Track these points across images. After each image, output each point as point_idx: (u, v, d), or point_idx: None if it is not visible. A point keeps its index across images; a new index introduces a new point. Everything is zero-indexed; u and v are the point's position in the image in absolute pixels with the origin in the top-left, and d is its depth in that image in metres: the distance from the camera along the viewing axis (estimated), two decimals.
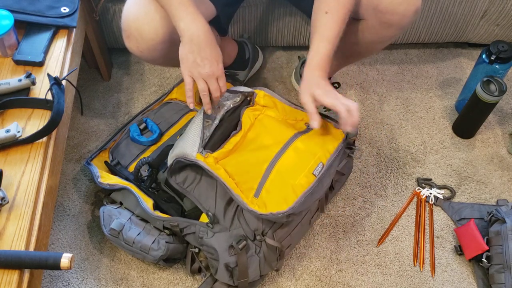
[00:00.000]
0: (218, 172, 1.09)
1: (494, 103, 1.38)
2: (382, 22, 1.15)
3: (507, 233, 1.19)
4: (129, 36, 1.14)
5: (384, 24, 1.15)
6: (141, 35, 1.12)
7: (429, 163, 1.47)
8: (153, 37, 1.12)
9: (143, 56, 1.18)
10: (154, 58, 1.19)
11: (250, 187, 1.09)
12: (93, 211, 1.35)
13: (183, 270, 1.25)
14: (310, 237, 1.32)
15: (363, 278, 1.26)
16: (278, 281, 1.25)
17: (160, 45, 1.14)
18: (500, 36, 1.66)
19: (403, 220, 1.36)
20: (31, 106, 1.06)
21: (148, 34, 1.12)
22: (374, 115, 1.56)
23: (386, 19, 1.13)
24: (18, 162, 0.98)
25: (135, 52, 1.17)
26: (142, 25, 1.11)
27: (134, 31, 1.12)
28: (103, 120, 1.52)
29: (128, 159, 1.36)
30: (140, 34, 1.12)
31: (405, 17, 1.13)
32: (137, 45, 1.15)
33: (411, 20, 1.14)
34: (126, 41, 1.16)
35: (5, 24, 1.09)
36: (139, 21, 1.11)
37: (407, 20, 1.14)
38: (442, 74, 1.68)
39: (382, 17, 1.13)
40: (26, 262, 0.84)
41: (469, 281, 1.26)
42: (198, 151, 1.10)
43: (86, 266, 1.25)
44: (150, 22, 1.11)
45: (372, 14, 1.14)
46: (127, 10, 1.14)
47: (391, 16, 1.12)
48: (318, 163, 1.13)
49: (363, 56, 1.35)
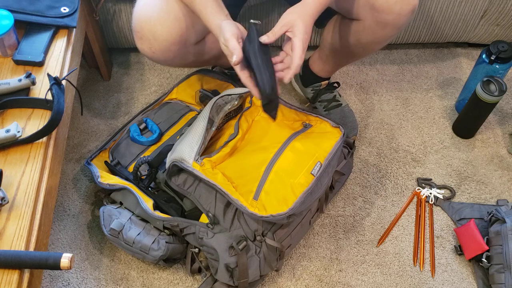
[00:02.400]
0: (215, 179, 1.09)
1: (494, 103, 1.38)
2: (378, 22, 1.15)
3: (507, 233, 1.19)
4: (142, 38, 1.13)
5: (380, 24, 1.15)
6: (154, 36, 1.11)
7: (429, 163, 1.47)
8: (167, 38, 1.11)
9: (155, 57, 1.16)
10: (167, 59, 1.18)
11: (249, 190, 1.09)
12: (93, 211, 1.35)
13: (183, 270, 1.25)
14: (310, 237, 1.32)
15: (363, 278, 1.26)
16: (278, 281, 1.25)
17: (173, 46, 1.13)
18: (500, 36, 1.66)
19: (403, 220, 1.36)
20: (31, 106, 1.06)
21: (162, 35, 1.11)
22: (374, 115, 1.56)
23: (382, 18, 1.14)
24: (18, 162, 0.98)
25: (147, 54, 1.16)
26: (155, 26, 1.10)
27: (147, 32, 1.12)
28: (103, 120, 1.52)
29: (128, 159, 1.36)
30: (153, 35, 1.11)
31: (401, 16, 1.13)
32: (150, 46, 1.14)
33: (407, 19, 1.15)
34: (138, 43, 1.15)
35: (5, 24, 1.09)
36: (151, 22, 1.10)
37: (403, 19, 1.14)
38: (442, 74, 1.68)
39: (378, 16, 1.14)
40: (26, 262, 0.84)
41: (469, 281, 1.26)
42: (195, 159, 1.10)
43: (86, 266, 1.25)
44: (164, 23, 1.10)
45: (369, 13, 1.15)
46: (139, 11, 1.13)
47: (386, 15, 1.13)
48: (316, 162, 1.13)
49: (361, 56, 1.36)
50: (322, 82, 1.50)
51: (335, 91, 1.52)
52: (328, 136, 1.19)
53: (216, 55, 1.33)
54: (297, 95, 1.60)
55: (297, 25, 1.00)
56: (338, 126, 1.23)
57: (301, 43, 0.99)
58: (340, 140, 1.19)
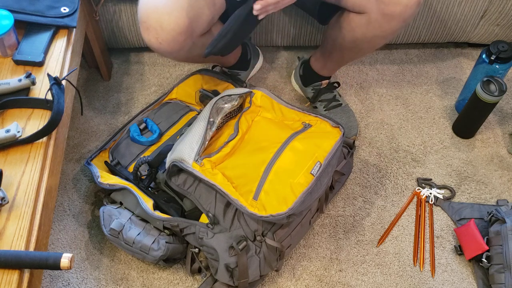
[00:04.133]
0: (215, 179, 1.09)
1: (494, 103, 1.38)
2: (385, 14, 1.15)
3: (507, 233, 1.19)
4: (149, 28, 1.12)
5: (387, 16, 1.15)
6: (161, 26, 1.10)
7: (429, 163, 1.47)
8: (174, 27, 1.10)
9: (162, 48, 1.15)
10: (173, 51, 1.16)
11: (249, 190, 1.09)
12: (93, 211, 1.35)
13: (183, 270, 1.25)
14: (310, 237, 1.32)
15: (363, 278, 1.26)
16: (278, 281, 1.25)
17: (180, 36, 1.12)
18: (500, 36, 1.66)
19: (403, 220, 1.36)
20: (31, 106, 1.06)
21: (169, 24, 1.10)
22: (374, 115, 1.56)
23: (389, 10, 1.13)
24: (18, 162, 0.98)
25: (153, 44, 1.14)
26: (162, 15, 1.09)
27: (153, 22, 1.10)
28: (103, 120, 1.52)
29: (128, 159, 1.36)
30: (160, 25, 1.10)
31: (408, 7, 1.13)
32: (157, 37, 1.12)
33: (414, 11, 1.14)
34: (144, 33, 1.13)
35: (5, 24, 1.09)
36: (158, 11, 1.09)
37: (410, 11, 1.14)
38: (442, 74, 1.68)
39: (385, 8, 1.13)
40: (26, 262, 0.84)
41: (469, 281, 1.26)
42: (194, 160, 1.10)
43: (86, 266, 1.25)
44: (171, 12, 1.09)
45: (375, 5, 1.14)
46: (145, 2, 1.12)
47: (394, 7, 1.12)
48: (316, 162, 1.13)
49: (365, 52, 1.34)
50: (322, 81, 1.50)
51: (335, 91, 1.52)
52: (328, 136, 1.19)
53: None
54: (297, 95, 1.60)
55: None
56: (338, 126, 1.23)
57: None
58: (339, 140, 1.19)
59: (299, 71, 1.56)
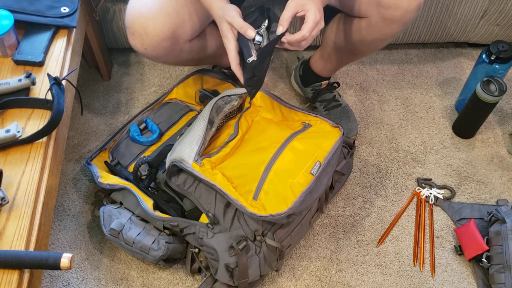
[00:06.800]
0: (214, 179, 1.09)
1: (494, 103, 1.38)
2: (385, 18, 1.15)
3: (507, 233, 1.19)
4: (134, 33, 1.14)
5: (387, 20, 1.15)
6: (146, 31, 1.12)
7: (429, 163, 1.47)
8: (158, 34, 1.12)
9: (147, 53, 1.17)
10: (158, 55, 1.18)
11: (249, 190, 1.09)
12: (93, 211, 1.35)
13: (183, 270, 1.25)
14: (310, 237, 1.32)
15: (363, 278, 1.26)
16: (278, 281, 1.25)
17: (164, 42, 1.14)
18: (500, 36, 1.66)
19: (403, 220, 1.36)
20: (31, 106, 1.06)
21: (153, 30, 1.11)
22: (374, 115, 1.56)
23: (389, 14, 1.13)
24: (18, 162, 0.98)
25: (139, 50, 1.17)
26: (147, 21, 1.11)
27: (138, 28, 1.12)
28: (103, 120, 1.52)
29: (128, 159, 1.36)
30: (145, 31, 1.12)
31: (408, 12, 1.13)
32: (142, 42, 1.14)
33: (413, 15, 1.14)
34: (130, 38, 1.16)
35: (5, 24, 1.09)
36: (143, 17, 1.11)
37: (410, 15, 1.14)
38: (442, 74, 1.68)
39: (385, 13, 1.13)
40: (26, 262, 0.84)
41: (469, 281, 1.26)
42: (194, 160, 1.10)
43: (86, 266, 1.25)
44: (155, 18, 1.10)
45: (375, 10, 1.14)
46: (131, 7, 1.14)
47: (394, 11, 1.12)
48: (316, 162, 1.13)
49: (364, 54, 1.35)
50: (322, 82, 1.50)
51: (335, 91, 1.52)
52: (328, 136, 1.19)
53: (213, 54, 1.33)
54: (297, 95, 1.60)
55: (307, 3, 0.98)
56: (337, 125, 1.23)
57: (313, 17, 0.97)
58: (339, 139, 1.19)
59: (299, 71, 1.56)
